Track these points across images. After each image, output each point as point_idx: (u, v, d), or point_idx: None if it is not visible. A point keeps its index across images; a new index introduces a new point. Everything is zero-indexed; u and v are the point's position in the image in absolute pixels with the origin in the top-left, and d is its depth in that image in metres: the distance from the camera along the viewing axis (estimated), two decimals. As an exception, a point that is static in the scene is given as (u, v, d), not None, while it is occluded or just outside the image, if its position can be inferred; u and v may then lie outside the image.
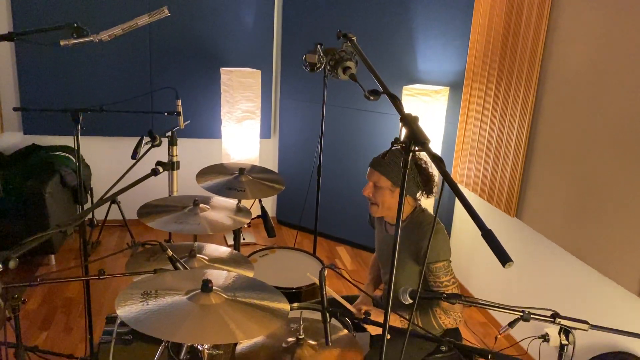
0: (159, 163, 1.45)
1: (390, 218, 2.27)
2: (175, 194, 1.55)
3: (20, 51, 4.23)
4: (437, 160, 1.11)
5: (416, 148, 1.17)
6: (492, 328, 3.57)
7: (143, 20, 1.78)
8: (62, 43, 1.72)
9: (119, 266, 4.03)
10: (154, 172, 1.43)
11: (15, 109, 2.55)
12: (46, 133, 4.41)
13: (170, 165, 1.49)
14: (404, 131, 1.24)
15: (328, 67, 1.58)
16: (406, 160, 1.21)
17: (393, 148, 2.19)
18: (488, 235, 0.97)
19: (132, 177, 1.80)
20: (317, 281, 2.34)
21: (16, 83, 4.29)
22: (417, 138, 1.16)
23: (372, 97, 1.32)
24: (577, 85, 2.71)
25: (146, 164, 2.32)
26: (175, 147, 1.54)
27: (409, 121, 1.19)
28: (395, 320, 2.07)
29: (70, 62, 4.30)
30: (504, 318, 3.52)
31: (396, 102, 1.26)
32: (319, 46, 2.32)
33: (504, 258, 0.94)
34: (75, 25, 1.71)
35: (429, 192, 2.16)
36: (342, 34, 1.65)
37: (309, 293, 2.56)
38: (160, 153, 3.30)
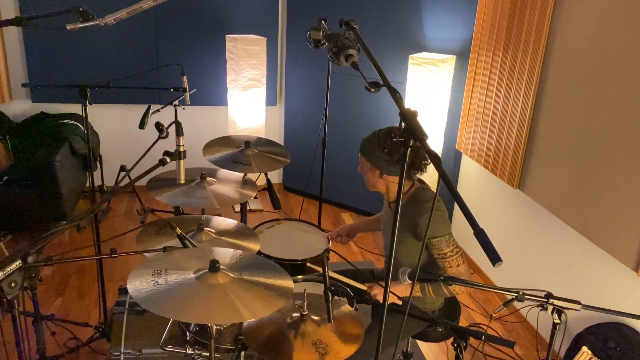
0: (166, 153, 1.49)
1: (384, 194, 2.34)
2: (182, 182, 1.60)
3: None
4: (434, 157, 1.14)
5: (414, 143, 1.21)
6: (492, 295, 3.66)
7: (147, 3, 1.79)
8: (68, 27, 1.74)
9: (129, 234, 4.12)
10: (162, 163, 1.48)
11: (24, 85, 2.59)
12: (54, 101, 4.44)
13: (177, 155, 1.53)
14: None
15: (331, 54, 1.59)
16: (405, 154, 1.24)
17: (376, 130, 2.24)
18: (480, 235, 1.01)
19: (142, 144, 1.82)
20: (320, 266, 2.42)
21: (23, 54, 4.30)
22: (415, 134, 1.19)
23: (372, 90, 1.34)
24: (583, 58, 2.69)
25: (151, 132, 2.36)
26: (181, 137, 1.58)
27: (408, 116, 1.22)
28: (393, 297, 2.14)
29: (77, 33, 4.28)
30: (506, 286, 3.60)
31: (396, 96, 1.29)
32: (323, 22, 2.31)
33: (494, 258, 0.99)
34: (81, 9, 1.72)
35: (416, 169, 2.18)
36: (344, 22, 1.65)
37: (314, 264, 2.63)
38: (165, 119, 3.36)
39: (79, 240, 3.95)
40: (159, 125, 1.53)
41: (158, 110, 3.11)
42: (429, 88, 3.71)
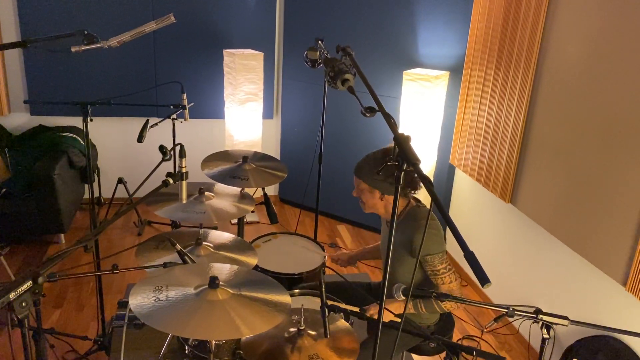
0: (169, 174, 1.55)
1: (382, 215, 2.38)
2: (184, 201, 1.65)
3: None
4: (426, 181, 1.20)
5: (408, 168, 1.26)
6: (485, 307, 3.71)
7: (150, 27, 1.85)
8: (73, 49, 1.79)
9: (127, 244, 4.17)
10: (165, 184, 1.53)
11: (25, 102, 2.63)
12: (52, 114, 4.48)
13: (180, 176, 1.58)
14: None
15: (328, 78, 1.65)
16: (399, 177, 1.30)
17: (369, 154, 2.30)
18: (470, 257, 1.07)
19: (140, 157, 1.83)
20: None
21: (22, 67, 4.35)
22: (408, 159, 1.24)
23: (368, 114, 1.40)
24: (573, 75, 2.77)
25: (153, 141, 2.39)
26: (184, 159, 1.63)
27: (401, 141, 1.28)
28: (389, 315, 2.19)
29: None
30: (498, 299, 3.66)
31: (390, 121, 1.35)
32: (320, 42, 2.37)
33: (483, 279, 1.04)
34: (86, 32, 1.78)
35: (413, 187, 2.24)
36: (341, 48, 1.71)
37: (311, 279, 2.68)
38: (163, 133, 3.41)
39: (77, 254, 3.98)
40: (162, 148, 1.58)
41: (156, 124, 3.15)
42: (423, 103, 3.79)
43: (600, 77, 2.58)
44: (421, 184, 2.23)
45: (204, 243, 2.43)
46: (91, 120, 2.57)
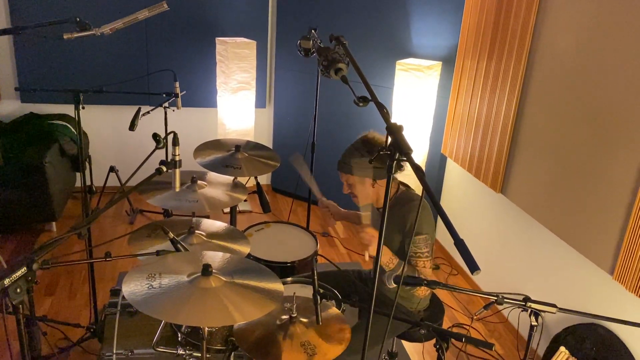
0: (162, 162, 1.55)
1: (376, 203, 2.40)
2: (177, 189, 1.66)
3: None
4: (418, 171, 1.21)
5: (400, 157, 1.28)
6: (475, 296, 3.76)
7: (143, 14, 1.85)
8: (65, 37, 1.79)
9: (118, 233, 4.16)
10: (159, 172, 1.53)
11: (17, 89, 2.61)
12: (44, 101, 4.45)
13: (173, 164, 1.59)
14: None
15: (321, 67, 1.65)
16: (391, 166, 1.31)
17: (348, 147, 2.31)
18: (460, 245, 1.09)
19: (131, 145, 1.81)
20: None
21: (13, 54, 4.31)
22: (401, 148, 1.26)
23: (361, 104, 1.41)
24: (565, 67, 2.79)
25: (145, 129, 2.39)
26: (177, 147, 1.64)
27: (394, 131, 1.29)
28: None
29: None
30: (487, 287, 3.70)
31: (383, 111, 1.36)
32: (313, 31, 2.38)
33: (472, 267, 1.06)
34: (78, 19, 1.77)
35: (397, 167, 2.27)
36: (335, 37, 1.72)
37: (303, 267, 2.70)
38: (155, 121, 3.40)
39: (69, 242, 3.98)
40: (156, 136, 1.59)
41: (148, 112, 3.14)
42: (415, 93, 3.80)
43: (591, 69, 2.60)
44: (402, 161, 2.25)
45: (196, 231, 2.44)
46: (83, 108, 2.56)
